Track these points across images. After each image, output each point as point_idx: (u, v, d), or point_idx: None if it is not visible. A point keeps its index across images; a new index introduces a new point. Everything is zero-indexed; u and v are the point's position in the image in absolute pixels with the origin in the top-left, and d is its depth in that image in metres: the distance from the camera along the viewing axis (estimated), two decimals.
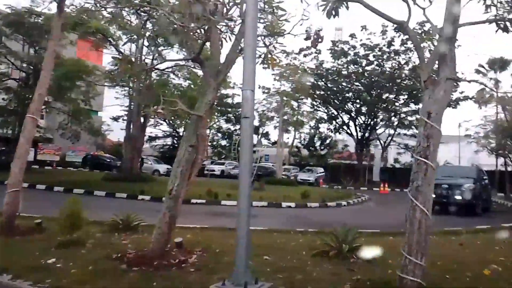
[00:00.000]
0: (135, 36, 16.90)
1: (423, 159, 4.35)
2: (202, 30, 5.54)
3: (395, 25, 21.71)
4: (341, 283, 4.83)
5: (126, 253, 5.71)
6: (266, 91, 34.95)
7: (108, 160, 34.28)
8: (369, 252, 6.08)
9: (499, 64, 31.85)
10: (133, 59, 19.91)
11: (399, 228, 7.41)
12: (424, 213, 4.26)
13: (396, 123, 38.01)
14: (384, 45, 33.85)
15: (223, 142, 45.32)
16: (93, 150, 36.84)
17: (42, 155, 31.10)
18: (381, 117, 37.81)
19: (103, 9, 7.24)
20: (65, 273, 4.81)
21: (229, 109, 42.16)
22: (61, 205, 6.56)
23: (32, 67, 24.18)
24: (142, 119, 22.60)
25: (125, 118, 29.95)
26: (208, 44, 5.83)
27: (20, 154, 7.51)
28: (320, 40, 6.47)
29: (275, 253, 6.28)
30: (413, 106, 36.17)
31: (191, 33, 5.50)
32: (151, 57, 21.73)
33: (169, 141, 44.12)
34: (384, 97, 36.03)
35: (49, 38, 8.99)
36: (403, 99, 36.35)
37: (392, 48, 33.71)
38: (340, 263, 5.66)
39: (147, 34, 16.02)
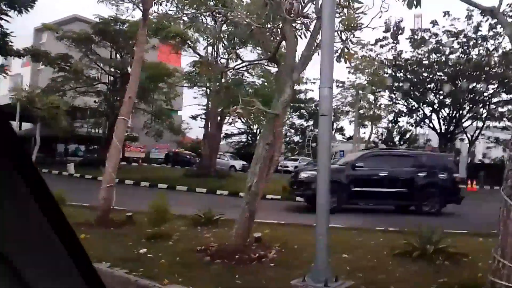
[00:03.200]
0: (211, 40, 17.54)
1: None
2: (278, 29, 5.60)
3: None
4: (426, 285, 4.62)
5: (209, 247, 6.00)
6: (341, 85, 34.12)
7: (188, 157, 36.06)
8: (457, 253, 5.74)
9: None
10: (211, 61, 20.69)
11: (489, 229, 6.88)
12: None
13: (485, 114, 34.93)
14: (469, 31, 31.31)
15: (296, 138, 45.26)
16: (174, 148, 38.96)
17: (129, 153, 33.60)
18: (467, 108, 35.05)
19: (183, 14, 7.63)
20: (155, 263, 5.19)
21: (302, 105, 42.01)
22: (147, 199, 7.07)
23: (119, 71, 26.21)
24: (219, 118, 23.39)
25: (203, 117, 31.21)
26: (283, 42, 5.88)
27: (113, 153, 8.21)
28: (400, 31, 6.19)
29: (354, 251, 6.17)
30: (504, 96, 33.03)
31: (267, 33, 5.59)
32: (226, 56, 22.42)
33: (243, 138, 45.21)
34: (470, 87, 33.34)
35: (135, 44, 9.67)
36: (493, 88, 33.27)
37: (479, 33, 31.08)
38: (424, 265, 5.41)
39: (224, 36, 16.53)
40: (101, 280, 1.03)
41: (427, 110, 36.83)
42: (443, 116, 35.92)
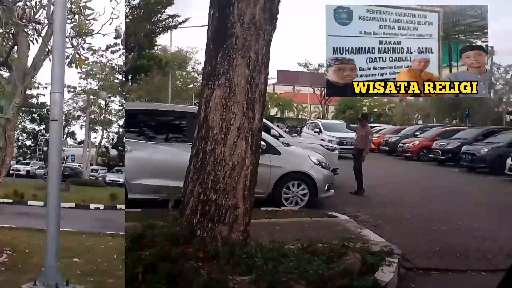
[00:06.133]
0: None
1: None
2: (10, 34, 5.38)
3: None
4: None
5: None
6: (72, 90, 32.91)
7: None
8: None
9: None
10: None
11: None
12: None
13: None
14: None
15: (28, 143, 41.43)
16: None
17: None
18: None
19: None
20: None
21: (34, 109, 38.57)
22: None
23: None
24: None
25: None
26: (15, 47, 5.66)
27: None
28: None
29: (84, 255, 6.20)
30: None
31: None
32: None
33: None
34: None
35: None
36: None
37: None
38: None
39: None
40: None
41: None
42: None
